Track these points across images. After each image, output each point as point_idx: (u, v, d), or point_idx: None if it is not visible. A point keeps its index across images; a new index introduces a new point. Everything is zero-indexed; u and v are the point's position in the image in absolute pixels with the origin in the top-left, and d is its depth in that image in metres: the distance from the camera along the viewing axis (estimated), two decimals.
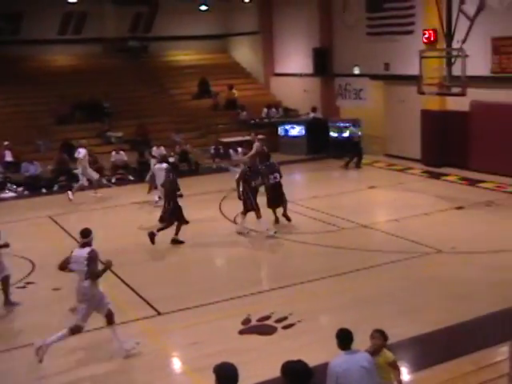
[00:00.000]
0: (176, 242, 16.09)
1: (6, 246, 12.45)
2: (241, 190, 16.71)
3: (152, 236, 15.93)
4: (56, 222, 18.75)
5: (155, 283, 13.56)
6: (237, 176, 17.68)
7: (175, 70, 34.06)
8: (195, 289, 13.05)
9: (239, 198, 16.73)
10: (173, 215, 16.07)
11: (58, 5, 30.94)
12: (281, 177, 17.57)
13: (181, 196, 16.91)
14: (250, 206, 16.52)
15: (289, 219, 17.50)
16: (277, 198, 17.37)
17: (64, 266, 10.41)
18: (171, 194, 16.25)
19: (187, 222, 16.39)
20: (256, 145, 22.12)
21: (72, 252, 10.31)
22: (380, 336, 7.52)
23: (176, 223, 16.11)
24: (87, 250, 10.13)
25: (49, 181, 23.82)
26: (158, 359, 10.19)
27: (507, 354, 8.07)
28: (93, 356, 10.30)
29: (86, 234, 10.37)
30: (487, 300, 11.90)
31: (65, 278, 13.72)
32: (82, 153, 21.67)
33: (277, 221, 17.50)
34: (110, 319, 10.28)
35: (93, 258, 10.10)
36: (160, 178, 17.67)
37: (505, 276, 13.02)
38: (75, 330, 10.05)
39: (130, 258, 15.30)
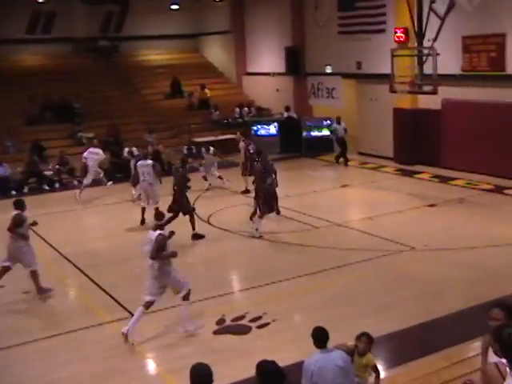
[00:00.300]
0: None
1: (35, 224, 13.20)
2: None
3: (197, 237, 16.35)
4: None
5: (128, 284, 13.42)
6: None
7: (147, 69, 33.87)
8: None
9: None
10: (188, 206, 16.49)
11: (26, 4, 30.64)
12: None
13: (189, 188, 16.97)
14: (258, 205, 16.62)
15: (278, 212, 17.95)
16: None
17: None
18: (184, 188, 16.51)
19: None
20: (241, 145, 21.92)
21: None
22: (366, 340, 7.55)
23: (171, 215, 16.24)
24: (157, 232, 10.87)
25: (18, 183, 23.54)
26: (132, 361, 10.12)
27: (479, 349, 8.12)
28: (68, 357, 10.21)
29: (159, 217, 11.33)
30: (460, 297, 12.00)
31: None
32: (100, 153, 22.03)
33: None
34: (185, 297, 10.91)
35: (158, 240, 10.73)
36: (146, 175, 17.66)
37: (477, 273, 13.11)
38: (147, 305, 10.81)
39: (103, 259, 15.22)
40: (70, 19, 32.82)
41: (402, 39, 23.00)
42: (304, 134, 27.67)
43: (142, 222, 17.72)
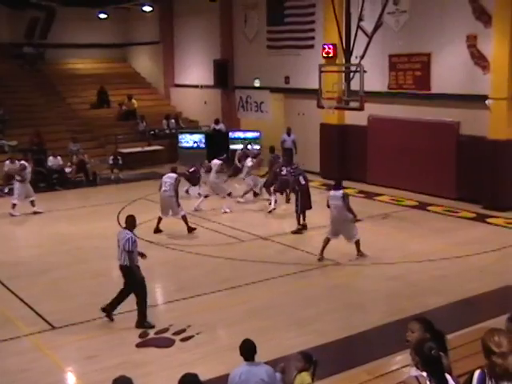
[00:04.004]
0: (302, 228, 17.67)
1: None
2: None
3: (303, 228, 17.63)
4: None
5: (49, 296, 13.13)
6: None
7: (73, 78, 33.24)
8: (91, 302, 12.67)
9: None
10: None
11: None
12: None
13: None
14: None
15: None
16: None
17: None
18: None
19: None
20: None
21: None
22: (301, 358, 7.45)
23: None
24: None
25: None
26: (52, 374, 9.83)
27: (402, 363, 8.25)
28: None
29: (336, 183, 15.22)
30: (382, 311, 12.14)
31: None
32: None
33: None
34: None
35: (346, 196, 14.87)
36: (167, 186, 17.57)
37: (399, 287, 13.29)
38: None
39: (24, 270, 14.81)
40: None
41: (330, 55, 23.23)
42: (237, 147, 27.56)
43: (156, 231, 17.61)
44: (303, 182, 17.68)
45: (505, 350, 5.20)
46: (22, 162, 20.48)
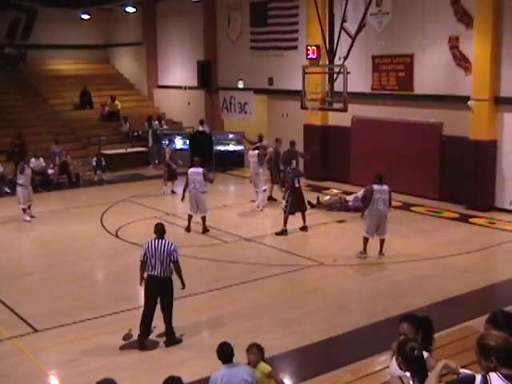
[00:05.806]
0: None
1: None
2: None
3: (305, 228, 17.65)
4: None
5: (32, 299, 13.02)
6: None
7: (55, 79, 33.10)
8: (74, 304, 12.61)
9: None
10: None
11: None
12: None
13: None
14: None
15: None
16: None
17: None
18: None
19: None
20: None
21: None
22: (256, 351, 7.48)
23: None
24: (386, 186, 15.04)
25: None
26: (34, 378, 9.76)
27: (386, 363, 8.24)
28: None
29: (380, 178, 14.96)
30: (366, 311, 12.12)
31: None
32: None
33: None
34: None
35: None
36: (196, 183, 17.69)
37: (382, 288, 13.34)
38: None
39: (4, 273, 14.69)
40: None
41: (313, 56, 23.21)
42: (222, 148, 27.58)
43: (188, 229, 17.74)
44: (297, 185, 17.55)
45: None
46: (21, 162, 19.99)
